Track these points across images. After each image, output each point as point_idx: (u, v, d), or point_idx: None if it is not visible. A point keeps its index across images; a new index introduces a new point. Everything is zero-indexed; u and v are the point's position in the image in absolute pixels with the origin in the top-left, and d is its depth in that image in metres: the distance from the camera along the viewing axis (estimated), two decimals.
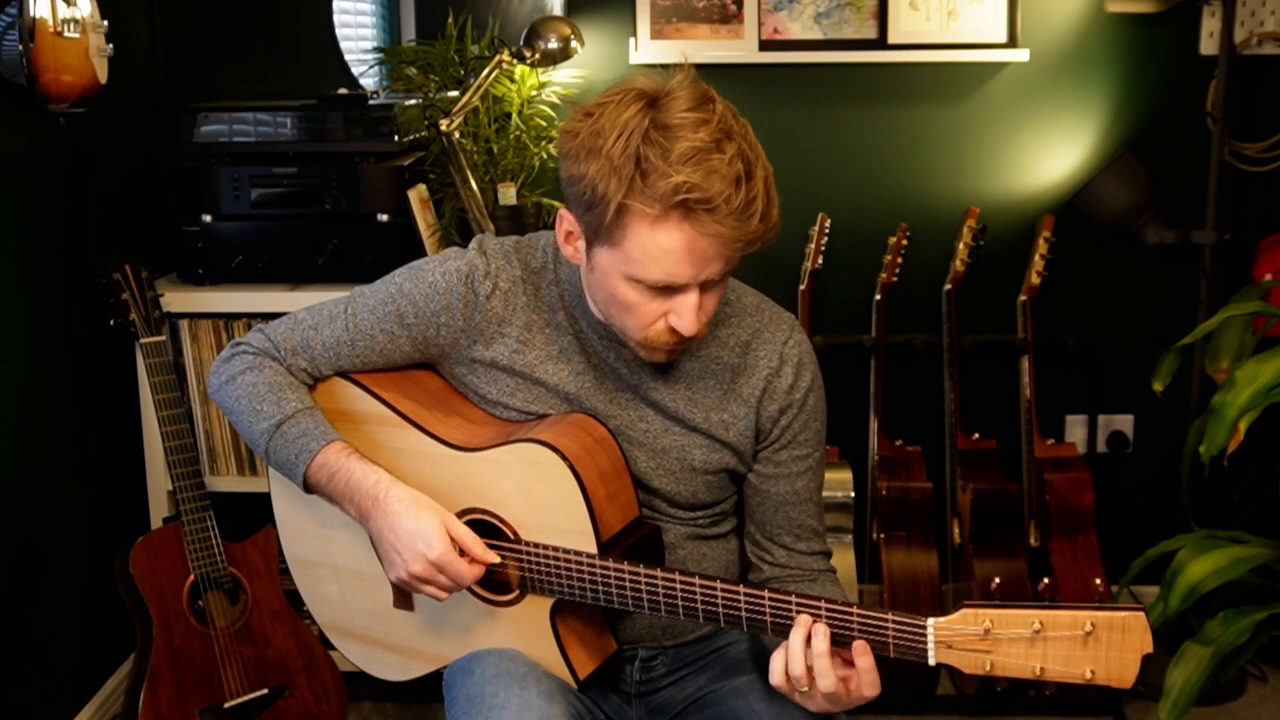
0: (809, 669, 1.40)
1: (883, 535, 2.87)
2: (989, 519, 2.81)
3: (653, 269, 1.44)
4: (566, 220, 1.53)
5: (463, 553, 1.55)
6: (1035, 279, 2.94)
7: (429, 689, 1.74)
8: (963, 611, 1.33)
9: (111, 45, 2.44)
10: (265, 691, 2.52)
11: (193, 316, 2.65)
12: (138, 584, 2.42)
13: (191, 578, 2.47)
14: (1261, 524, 2.67)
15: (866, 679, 1.40)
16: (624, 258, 1.46)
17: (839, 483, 2.88)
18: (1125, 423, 3.14)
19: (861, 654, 1.39)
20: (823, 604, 1.40)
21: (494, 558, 1.56)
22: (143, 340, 2.49)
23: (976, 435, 2.95)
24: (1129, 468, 3.15)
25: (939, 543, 2.91)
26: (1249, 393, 2.10)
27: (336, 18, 3.00)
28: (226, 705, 2.49)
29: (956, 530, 2.94)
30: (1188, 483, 2.49)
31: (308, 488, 1.63)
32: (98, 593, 2.72)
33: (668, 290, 1.47)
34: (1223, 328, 2.50)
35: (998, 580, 2.77)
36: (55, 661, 2.62)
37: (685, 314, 1.48)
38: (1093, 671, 1.30)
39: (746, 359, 1.64)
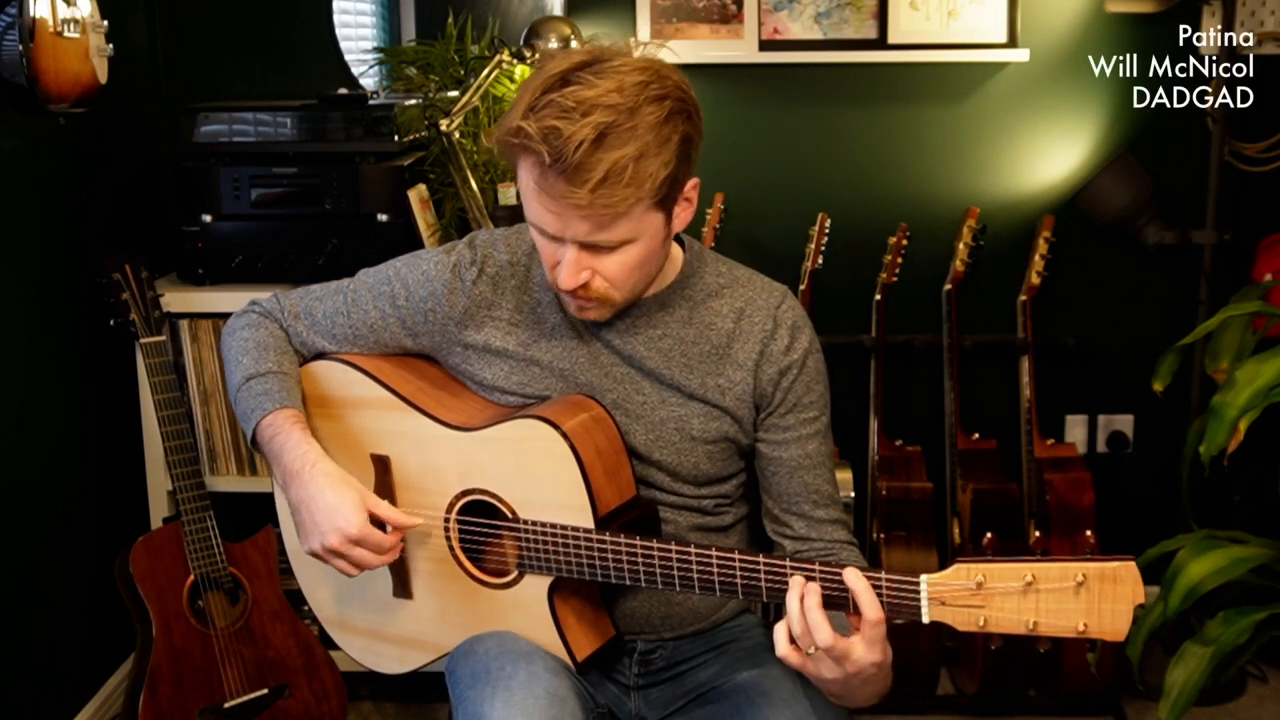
0: (806, 627, 1.39)
1: (883, 535, 2.87)
2: (989, 519, 2.81)
3: (529, 208, 1.50)
4: None
5: (384, 527, 1.59)
6: (1035, 279, 2.94)
7: (429, 689, 1.75)
8: (955, 567, 1.35)
9: (111, 45, 2.44)
10: (265, 691, 2.52)
11: (193, 316, 2.65)
12: (138, 584, 2.42)
13: (191, 578, 2.47)
14: (1261, 524, 2.66)
15: (870, 634, 1.38)
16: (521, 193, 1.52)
17: (839, 482, 2.87)
18: (1125, 423, 3.14)
19: (854, 579, 1.37)
20: (816, 565, 1.41)
21: (415, 521, 1.61)
22: (143, 340, 2.49)
23: (976, 435, 2.94)
24: (1129, 468, 3.15)
25: (939, 543, 2.91)
26: (1249, 393, 2.10)
27: (336, 18, 3.00)
28: (226, 705, 2.49)
29: (956, 530, 2.94)
30: (1188, 483, 2.48)
31: (256, 445, 1.67)
32: (98, 593, 2.72)
33: (553, 239, 1.51)
34: (1223, 328, 2.49)
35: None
36: (55, 661, 2.62)
37: (562, 268, 1.52)
38: (1085, 624, 1.30)
39: (740, 324, 1.66)
